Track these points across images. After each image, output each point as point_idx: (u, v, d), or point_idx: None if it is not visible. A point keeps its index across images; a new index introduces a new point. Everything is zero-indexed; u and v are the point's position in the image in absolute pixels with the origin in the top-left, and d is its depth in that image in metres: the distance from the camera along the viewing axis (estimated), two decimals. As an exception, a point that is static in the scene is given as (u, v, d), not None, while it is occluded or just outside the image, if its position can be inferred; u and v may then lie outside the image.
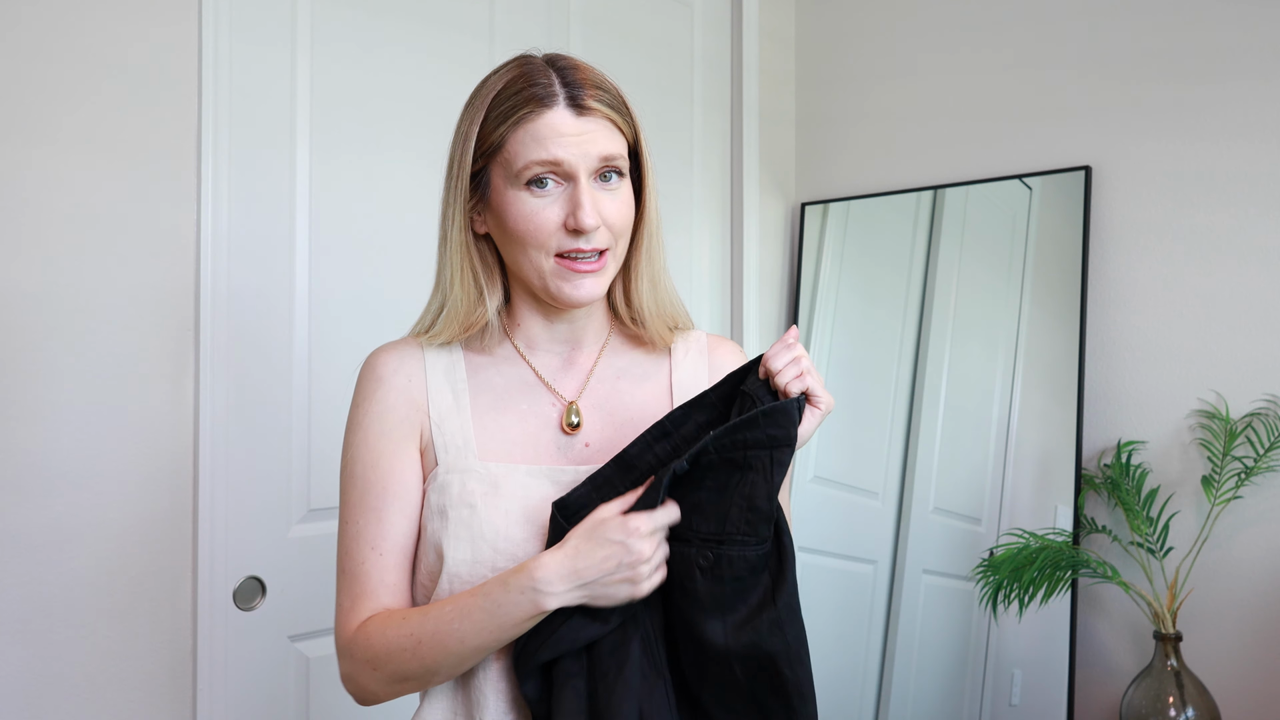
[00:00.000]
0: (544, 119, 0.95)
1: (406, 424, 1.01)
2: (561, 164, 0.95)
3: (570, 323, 1.05)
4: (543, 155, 0.95)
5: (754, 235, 2.43)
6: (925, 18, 2.35)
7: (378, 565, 0.98)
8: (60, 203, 1.45)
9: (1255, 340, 1.89)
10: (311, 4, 1.72)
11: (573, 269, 0.97)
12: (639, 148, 1.02)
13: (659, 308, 1.07)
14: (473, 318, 1.02)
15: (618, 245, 1.00)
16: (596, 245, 0.97)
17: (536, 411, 1.03)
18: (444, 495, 0.98)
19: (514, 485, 0.98)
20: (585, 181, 0.96)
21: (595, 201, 0.96)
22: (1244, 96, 1.92)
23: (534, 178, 0.96)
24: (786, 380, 0.94)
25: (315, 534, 1.72)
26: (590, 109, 0.97)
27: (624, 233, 1.00)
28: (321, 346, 1.72)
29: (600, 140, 0.97)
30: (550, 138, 0.95)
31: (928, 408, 2.22)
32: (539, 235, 0.96)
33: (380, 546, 0.99)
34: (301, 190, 1.70)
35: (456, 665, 0.93)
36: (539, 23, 2.06)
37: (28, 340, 1.42)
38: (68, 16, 1.46)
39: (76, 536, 1.46)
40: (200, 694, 1.56)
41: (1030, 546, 1.89)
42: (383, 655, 0.94)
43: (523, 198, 0.96)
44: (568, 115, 0.96)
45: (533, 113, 0.96)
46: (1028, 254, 2.14)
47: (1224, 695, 1.86)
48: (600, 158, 0.96)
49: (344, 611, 0.99)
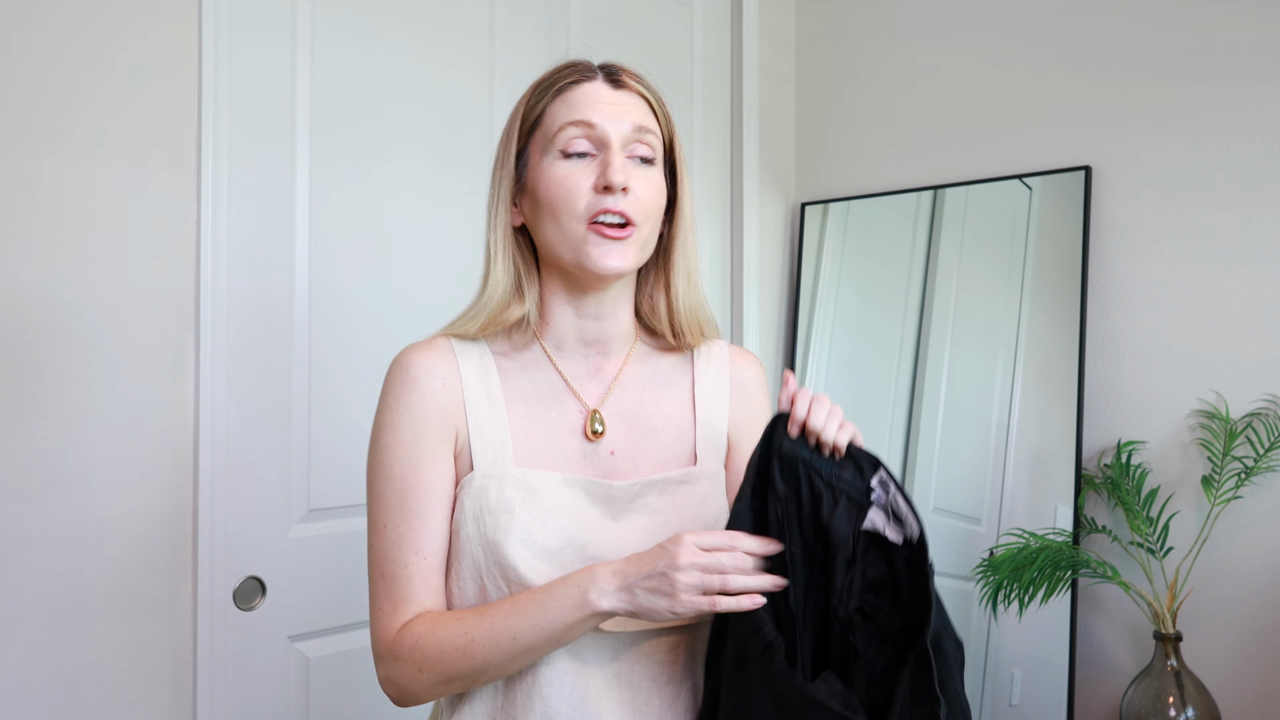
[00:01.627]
0: (581, 88, 1.00)
1: (442, 428, 1.00)
2: (595, 126, 0.98)
3: (598, 319, 1.05)
4: (576, 116, 0.98)
5: (754, 235, 2.43)
6: (925, 18, 2.35)
7: (421, 569, 0.98)
8: (60, 203, 1.45)
9: (1255, 340, 1.89)
10: (311, 5, 1.72)
11: (601, 234, 0.98)
12: (674, 148, 1.05)
13: (693, 306, 1.09)
14: (509, 311, 1.02)
15: (645, 225, 1.00)
16: (624, 209, 0.98)
17: (564, 418, 1.04)
18: (480, 500, 0.98)
19: (550, 493, 0.99)
20: (617, 147, 0.98)
21: (626, 168, 0.98)
22: (1244, 96, 1.92)
23: (568, 144, 0.98)
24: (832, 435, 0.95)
25: (315, 534, 1.72)
26: (626, 84, 1.01)
27: (652, 213, 1.01)
28: (322, 346, 1.72)
29: (634, 111, 1.00)
30: (585, 103, 0.99)
31: (928, 408, 2.22)
32: (570, 199, 0.98)
33: (423, 550, 0.98)
34: (301, 190, 1.70)
35: (504, 664, 0.94)
36: (539, 23, 2.06)
37: (28, 340, 1.42)
38: (68, 17, 1.46)
39: (77, 536, 1.46)
40: (200, 694, 1.56)
41: (1030, 546, 1.89)
42: (433, 656, 0.95)
43: (557, 164, 0.99)
44: (604, 87, 1.00)
45: (571, 84, 1.00)
46: (1028, 254, 2.14)
47: (1224, 695, 1.86)
48: (634, 126, 0.99)
49: (385, 614, 0.99)
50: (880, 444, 2.27)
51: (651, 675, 1.02)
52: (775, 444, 0.96)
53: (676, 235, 1.07)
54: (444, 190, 1.90)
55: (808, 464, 0.95)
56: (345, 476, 1.73)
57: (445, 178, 1.90)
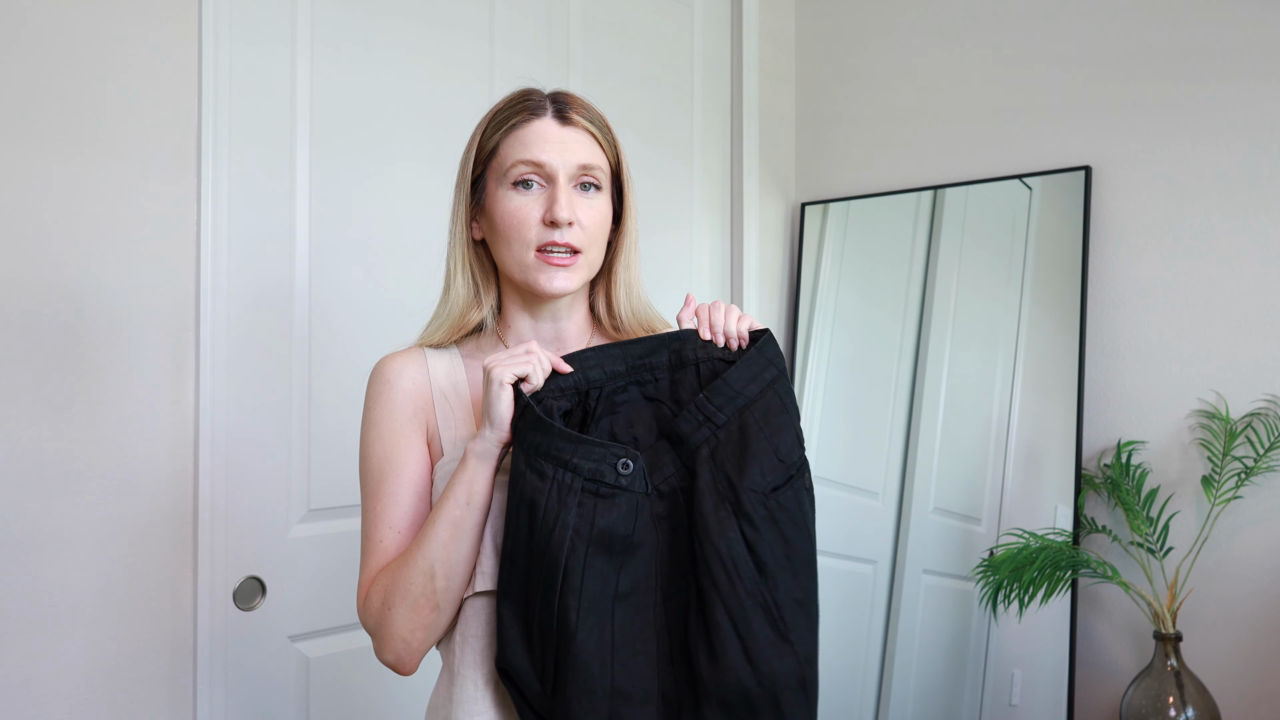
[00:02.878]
0: (532, 126, 1.09)
1: (414, 420, 1.11)
2: (544, 165, 1.07)
3: (554, 320, 1.14)
4: (527, 155, 1.07)
5: (754, 235, 2.43)
6: (925, 18, 2.35)
7: (395, 542, 1.08)
8: (60, 202, 1.45)
9: (1255, 340, 1.89)
10: (311, 5, 1.72)
11: (548, 262, 1.07)
12: (620, 170, 1.14)
13: (634, 313, 1.18)
14: (469, 316, 1.13)
15: (590, 250, 1.10)
16: (570, 241, 1.07)
17: None
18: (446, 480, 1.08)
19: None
20: (564, 183, 1.07)
21: (571, 203, 1.07)
22: (1244, 96, 1.92)
23: (520, 178, 1.08)
24: (734, 327, 1.04)
25: (315, 534, 1.72)
26: (573, 121, 1.10)
27: (597, 239, 1.11)
28: (321, 346, 1.72)
29: (581, 150, 1.09)
30: (536, 141, 1.08)
31: (928, 408, 2.22)
32: (521, 229, 1.08)
33: (397, 525, 1.08)
34: (301, 190, 1.71)
35: (442, 554, 1.01)
36: (539, 23, 2.06)
37: (28, 340, 1.42)
38: (68, 18, 1.46)
39: (77, 536, 1.46)
40: (200, 694, 1.56)
41: (1030, 546, 1.89)
42: (389, 587, 1.03)
43: (510, 196, 1.08)
44: (553, 124, 1.09)
45: (523, 120, 1.09)
46: (1028, 254, 2.14)
47: (1224, 695, 1.86)
48: (579, 165, 1.08)
49: (363, 587, 1.08)
50: (880, 444, 2.27)
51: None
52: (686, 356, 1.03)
53: (620, 250, 1.16)
54: (444, 190, 1.88)
55: (720, 358, 1.03)
56: (345, 476, 1.73)
57: (445, 178, 1.89)
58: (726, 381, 0.99)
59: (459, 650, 1.06)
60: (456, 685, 1.06)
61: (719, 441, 0.98)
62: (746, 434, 0.97)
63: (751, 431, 0.97)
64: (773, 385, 1.00)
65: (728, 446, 0.97)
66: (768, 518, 0.95)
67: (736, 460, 0.96)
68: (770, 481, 0.96)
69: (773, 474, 0.96)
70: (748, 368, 1.00)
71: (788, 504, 0.97)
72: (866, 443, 2.29)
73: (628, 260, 1.17)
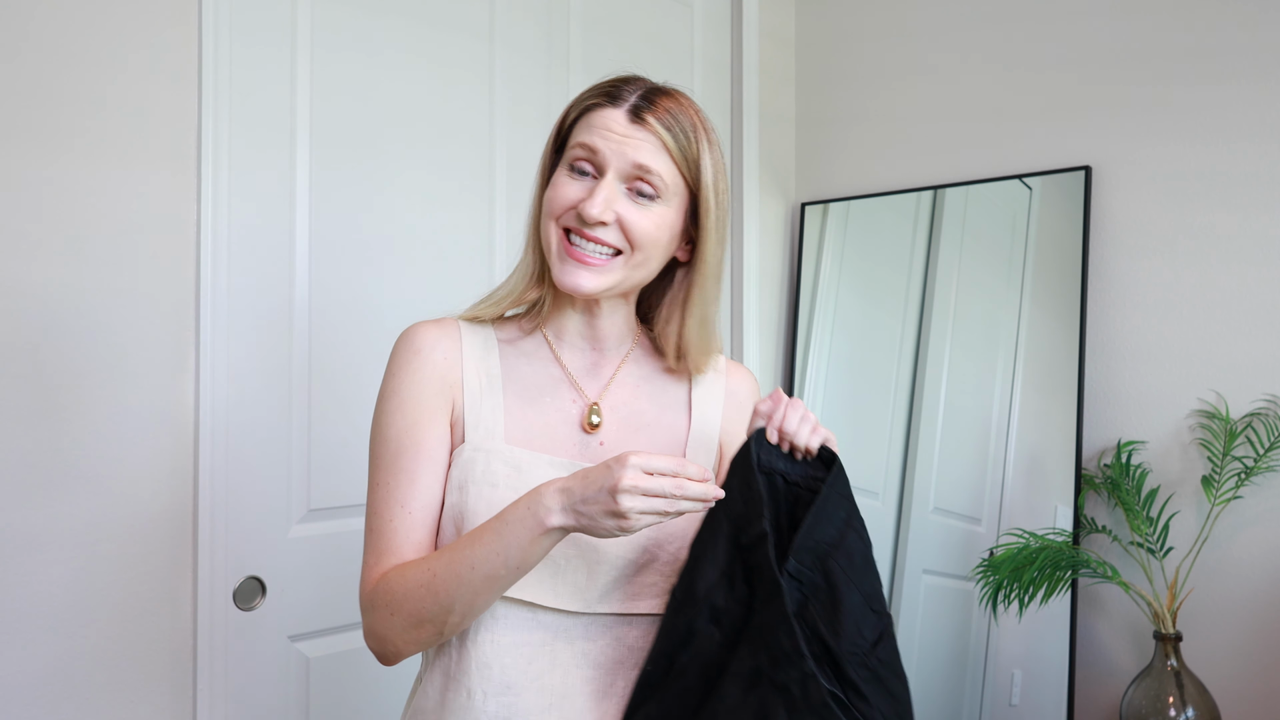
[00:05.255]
0: (604, 113, 1.02)
1: (440, 396, 1.04)
2: (597, 153, 1.01)
3: (596, 316, 1.09)
4: (585, 139, 1.01)
5: (754, 235, 2.43)
6: (925, 18, 2.35)
7: (405, 523, 1.01)
8: (60, 202, 1.45)
9: (1255, 340, 1.89)
10: (311, 4, 1.72)
11: (570, 253, 1.01)
12: (700, 194, 1.05)
13: (704, 344, 1.11)
14: (528, 294, 1.08)
15: (635, 255, 1.02)
16: (600, 238, 1.00)
17: (559, 406, 1.08)
18: (467, 471, 1.02)
19: (537, 472, 1.02)
20: (611, 179, 1.00)
21: (613, 201, 1.00)
22: (1244, 96, 1.92)
23: (575, 160, 1.02)
24: (805, 439, 0.98)
25: (315, 534, 1.72)
26: (646, 122, 1.01)
27: (645, 247, 1.02)
28: (321, 346, 1.72)
29: (642, 151, 1.01)
30: (599, 128, 1.01)
31: (928, 408, 2.22)
32: (553, 204, 1.02)
33: (410, 505, 1.01)
34: (301, 190, 1.70)
35: (469, 600, 0.94)
36: (539, 23, 2.06)
37: (27, 340, 1.42)
38: (68, 17, 1.46)
39: (77, 536, 1.46)
40: (200, 694, 1.56)
41: (1030, 546, 1.89)
42: (400, 596, 0.97)
43: (562, 174, 1.03)
44: (624, 117, 1.01)
45: (599, 105, 1.03)
46: (1028, 254, 2.14)
47: (1224, 695, 1.86)
48: (635, 164, 1.00)
49: (368, 568, 1.02)
50: (880, 444, 2.27)
51: (620, 658, 1.03)
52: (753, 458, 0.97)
53: (695, 280, 1.08)
54: (445, 190, 1.90)
55: (783, 474, 0.97)
56: (345, 476, 1.74)
57: (446, 178, 1.90)
58: (808, 533, 0.92)
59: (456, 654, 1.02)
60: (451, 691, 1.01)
61: (805, 597, 0.90)
62: (834, 586, 0.90)
63: (839, 581, 0.90)
64: (849, 523, 0.94)
65: (816, 602, 0.90)
66: (872, 678, 0.89)
67: (829, 619, 0.89)
68: (869, 638, 0.90)
69: (870, 629, 0.90)
70: (825, 512, 0.93)
71: (888, 658, 0.91)
72: (866, 442, 2.29)
73: (704, 291, 1.09)
